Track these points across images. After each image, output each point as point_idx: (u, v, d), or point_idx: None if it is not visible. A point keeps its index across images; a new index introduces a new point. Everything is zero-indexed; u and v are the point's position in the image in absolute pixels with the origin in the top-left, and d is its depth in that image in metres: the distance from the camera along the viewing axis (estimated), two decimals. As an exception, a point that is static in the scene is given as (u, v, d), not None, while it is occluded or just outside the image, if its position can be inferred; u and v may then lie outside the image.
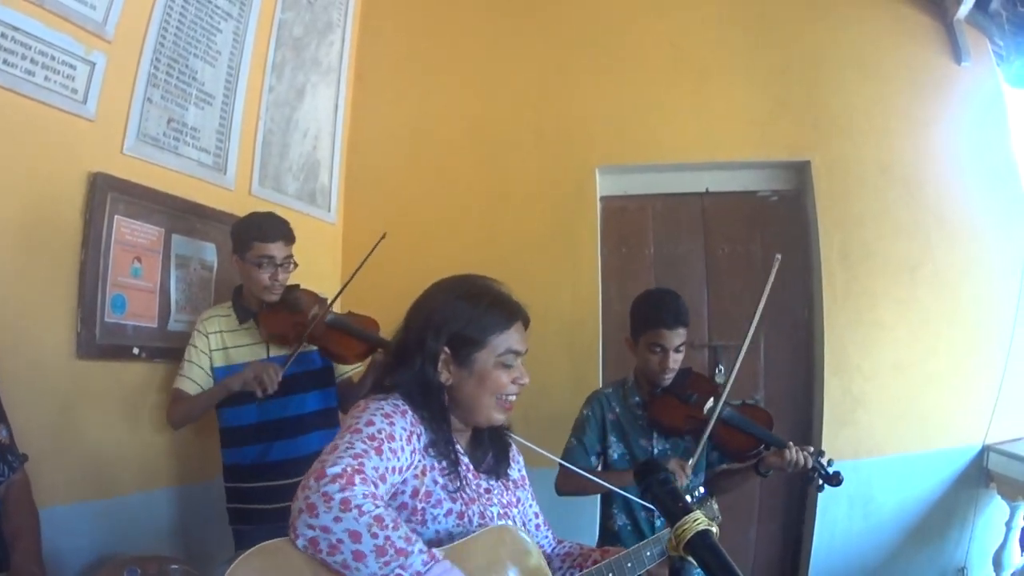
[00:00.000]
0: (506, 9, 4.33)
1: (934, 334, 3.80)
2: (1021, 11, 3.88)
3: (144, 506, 2.88)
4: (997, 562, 3.55)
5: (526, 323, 1.66)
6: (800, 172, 4.03)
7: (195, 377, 2.77)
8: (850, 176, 3.90)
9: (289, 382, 2.67)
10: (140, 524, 2.84)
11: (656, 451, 2.64)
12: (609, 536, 2.65)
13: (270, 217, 2.82)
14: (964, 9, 3.88)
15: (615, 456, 2.66)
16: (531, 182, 4.12)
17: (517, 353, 1.60)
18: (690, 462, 2.44)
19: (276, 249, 2.76)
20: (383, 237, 2.84)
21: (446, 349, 1.57)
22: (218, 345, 2.81)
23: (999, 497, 3.65)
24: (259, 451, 2.81)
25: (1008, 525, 3.56)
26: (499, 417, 1.60)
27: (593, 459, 2.66)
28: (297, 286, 2.91)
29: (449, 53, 4.34)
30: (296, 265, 2.84)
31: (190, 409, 2.76)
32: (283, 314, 2.81)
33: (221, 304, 2.94)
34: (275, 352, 2.81)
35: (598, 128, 4.11)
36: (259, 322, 2.81)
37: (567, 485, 2.57)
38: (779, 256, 2.60)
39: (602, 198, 4.14)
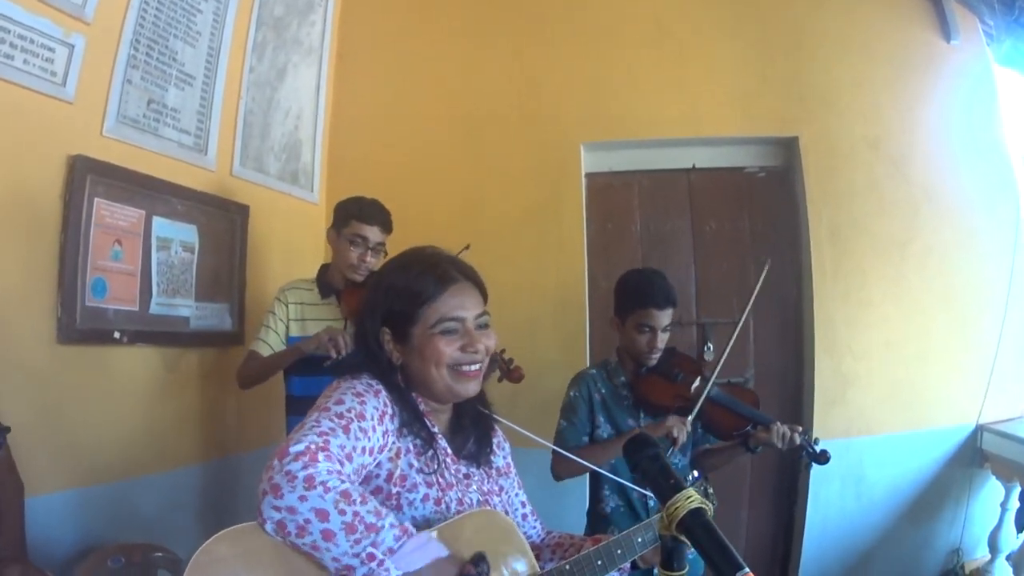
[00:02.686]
0: (488, -14, 4.28)
1: (925, 312, 3.79)
2: (1011, -9, 3.86)
3: (128, 493, 2.84)
4: (993, 543, 3.55)
5: (479, 286, 1.58)
6: (788, 148, 3.99)
7: (271, 342, 2.89)
8: (838, 152, 3.87)
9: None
10: (124, 512, 2.81)
11: None
12: (600, 521, 2.62)
13: (374, 203, 2.94)
14: (954, -12, 3.85)
15: (603, 436, 2.64)
16: (515, 159, 4.07)
17: (456, 320, 1.50)
18: (689, 418, 2.48)
19: (371, 232, 2.88)
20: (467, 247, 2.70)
21: (386, 329, 1.53)
22: (296, 315, 2.94)
23: (994, 477, 3.64)
24: None
25: (1003, 506, 3.56)
26: (464, 388, 1.52)
27: (585, 439, 2.64)
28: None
29: (431, 32, 4.29)
30: (386, 254, 2.89)
31: (261, 368, 2.87)
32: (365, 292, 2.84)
33: (304, 278, 3.05)
34: (352, 330, 2.83)
35: (582, 104, 4.05)
36: (341, 299, 2.92)
37: (562, 469, 2.56)
38: (769, 261, 2.63)
39: (587, 175, 4.10)
